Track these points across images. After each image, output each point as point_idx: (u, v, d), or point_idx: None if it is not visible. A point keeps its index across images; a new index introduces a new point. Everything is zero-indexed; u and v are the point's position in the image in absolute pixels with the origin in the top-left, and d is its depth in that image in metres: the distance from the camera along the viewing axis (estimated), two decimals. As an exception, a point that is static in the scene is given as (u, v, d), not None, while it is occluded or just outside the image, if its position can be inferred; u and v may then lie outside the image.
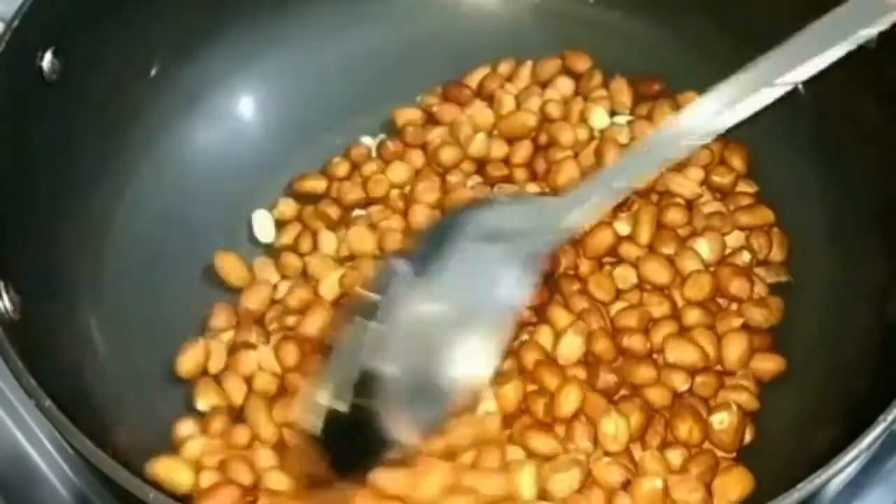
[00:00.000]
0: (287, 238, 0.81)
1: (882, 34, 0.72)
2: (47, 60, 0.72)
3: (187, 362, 0.75)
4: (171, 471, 0.68)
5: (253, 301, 0.77)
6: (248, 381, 0.75)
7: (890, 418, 0.60)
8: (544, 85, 0.85)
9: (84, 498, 0.74)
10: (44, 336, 0.68)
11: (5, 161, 0.70)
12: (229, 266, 0.79)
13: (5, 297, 0.65)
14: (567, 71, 0.86)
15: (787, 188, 0.79)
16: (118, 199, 0.79)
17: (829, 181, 0.78)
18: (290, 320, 0.76)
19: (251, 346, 0.76)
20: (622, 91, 0.84)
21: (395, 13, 0.88)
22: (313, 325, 0.75)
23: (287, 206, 0.83)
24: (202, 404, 0.74)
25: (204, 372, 0.75)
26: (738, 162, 0.81)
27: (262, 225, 0.82)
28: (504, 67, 0.86)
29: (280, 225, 0.82)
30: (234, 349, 0.76)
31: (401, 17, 0.88)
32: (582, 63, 0.86)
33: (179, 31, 0.82)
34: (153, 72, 0.82)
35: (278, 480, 0.69)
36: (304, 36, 0.86)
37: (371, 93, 0.86)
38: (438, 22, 0.88)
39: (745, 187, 0.80)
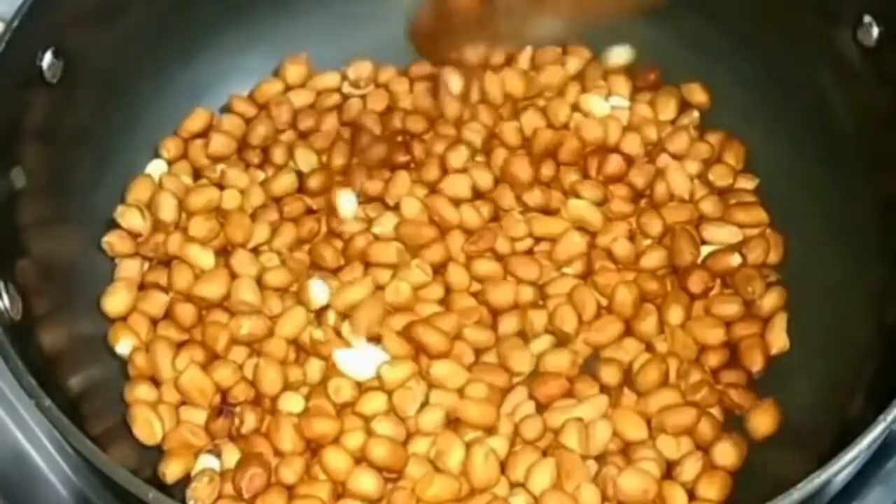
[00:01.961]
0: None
1: (881, 34, 0.72)
2: (47, 60, 0.72)
3: (116, 303, 0.75)
4: (147, 424, 0.70)
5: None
6: (154, 322, 0.75)
7: (890, 418, 0.60)
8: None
9: (84, 498, 0.74)
10: (44, 336, 0.68)
11: (5, 160, 0.70)
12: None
13: (5, 297, 0.65)
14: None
15: (786, 188, 0.79)
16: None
17: (829, 181, 0.78)
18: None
19: (161, 289, 0.76)
20: (620, 84, 0.85)
21: (394, 13, 0.87)
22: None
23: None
24: (122, 347, 0.74)
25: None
26: (735, 160, 0.81)
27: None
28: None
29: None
30: (144, 287, 0.77)
31: (401, 17, 0.87)
32: (582, 55, 0.86)
33: (179, 31, 0.82)
34: (153, 72, 0.82)
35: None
36: (304, 36, 0.86)
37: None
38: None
39: (745, 183, 0.81)
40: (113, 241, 0.77)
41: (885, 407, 0.60)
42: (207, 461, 0.70)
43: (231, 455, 0.70)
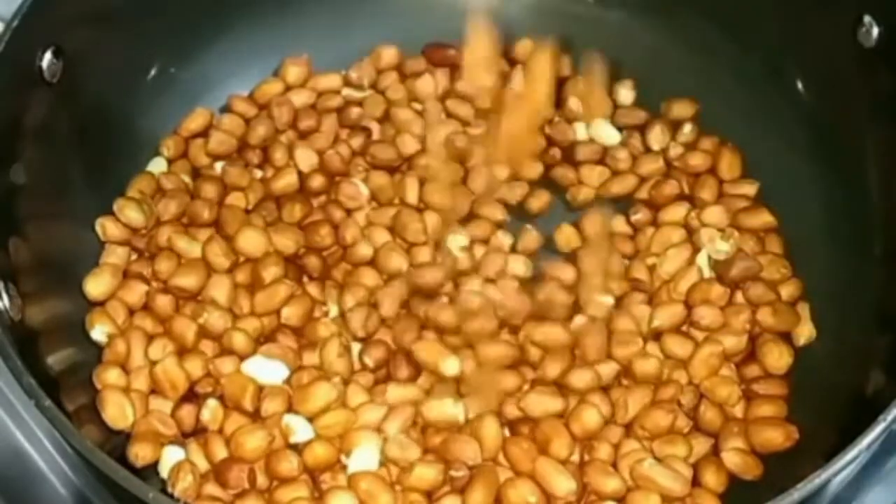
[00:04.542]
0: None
1: (881, 34, 0.72)
2: (47, 60, 0.72)
3: (98, 286, 0.75)
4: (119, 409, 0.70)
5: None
6: (132, 311, 0.75)
7: (890, 418, 0.60)
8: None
9: (84, 498, 0.74)
10: (44, 336, 0.68)
11: (5, 161, 0.70)
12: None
13: (5, 297, 0.65)
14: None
15: (787, 188, 0.79)
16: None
17: (829, 181, 0.78)
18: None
19: (143, 280, 0.76)
20: (603, 101, 0.85)
21: (394, 13, 0.88)
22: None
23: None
24: (97, 333, 0.74)
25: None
26: (729, 168, 0.81)
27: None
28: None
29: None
30: (127, 276, 0.77)
31: (400, 16, 0.88)
32: (563, 67, 0.86)
33: (179, 31, 0.82)
34: (153, 72, 0.82)
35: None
36: (304, 36, 0.86)
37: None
38: (437, 22, 0.88)
39: (746, 188, 0.81)
40: (107, 225, 0.77)
41: (885, 407, 0.60)
42: (173, 453, 0.70)
43: (194, 449, 0.70)
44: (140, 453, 0.69)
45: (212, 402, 0.71)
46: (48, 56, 0.72)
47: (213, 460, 0.69)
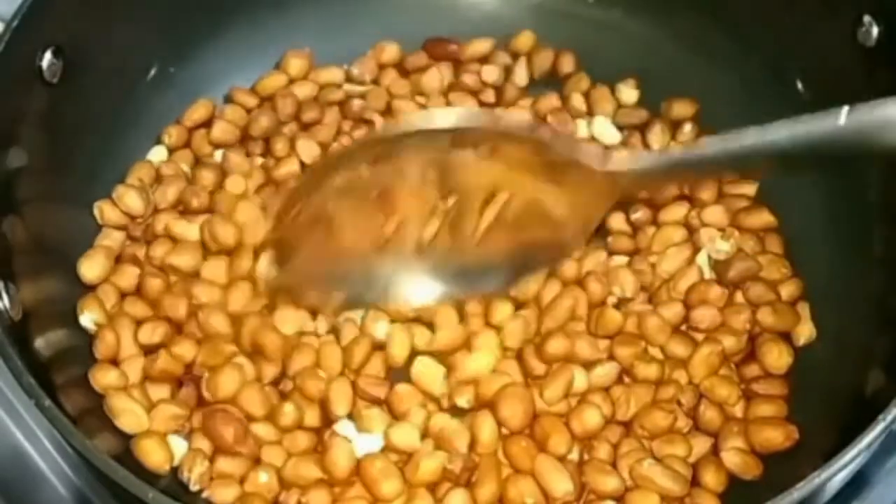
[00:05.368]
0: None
1: (881, 34, 0.72)
2: (47, 60, 0.72)
3: (92, 268, 0.75)
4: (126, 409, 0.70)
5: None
6: (123, 295, 0.75)
7: (890, 418, 0.60)
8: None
9: (84, 498, 0.74)
10: (44, 336, 0.68)
11: (5, 161, 0.70)
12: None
13: (5, 297, 0.65)
14: (554, 72, 0.86)
15: (787, 188, 0.79)
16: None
17: (830, 181, 0.78)
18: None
19: (136, 262, 0.76)
20: (605, 98, 0.85)
21: (394, 13, 0.88)
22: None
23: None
24: (85, 320, 0.73)
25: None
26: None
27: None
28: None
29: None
30: (120, 259, 0.77)
31: (400, 16, 0.88)
32: (567, 64, 0.86)
33: (179, 31, 0.82)
34: (153, 72, 0.82)
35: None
36: (304, 36, 0.86)
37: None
38: (437, 22, 0.88)
39: (746, 188, 0.81)
40: (105, 208, 0.78)
41: (885, 407, 0.60)
42: (178, 442, 0.70)
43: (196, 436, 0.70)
44: (147, 450, 0.69)
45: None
46: (48, 56, 0.72)
47: (210, 435, 0.69)
